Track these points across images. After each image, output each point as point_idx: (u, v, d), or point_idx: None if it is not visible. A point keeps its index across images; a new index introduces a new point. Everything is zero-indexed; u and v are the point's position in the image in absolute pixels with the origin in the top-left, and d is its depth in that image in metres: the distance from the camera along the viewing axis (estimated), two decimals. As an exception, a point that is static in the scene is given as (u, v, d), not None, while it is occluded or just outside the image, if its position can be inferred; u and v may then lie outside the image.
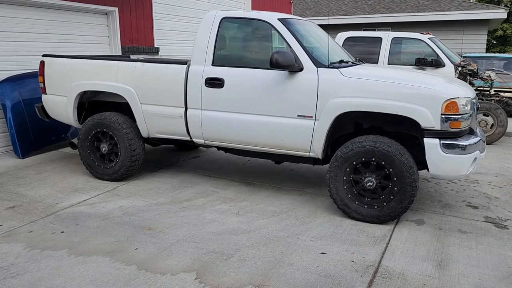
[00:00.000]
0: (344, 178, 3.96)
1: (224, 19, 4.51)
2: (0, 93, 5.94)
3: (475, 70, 7.83)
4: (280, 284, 2.92)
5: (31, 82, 6.19)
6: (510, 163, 6.22)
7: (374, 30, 16.54)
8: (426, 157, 3.76)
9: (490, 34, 24.65)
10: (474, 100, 4.04)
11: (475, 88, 8.10)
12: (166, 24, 9.12)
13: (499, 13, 15.71)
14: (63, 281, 2.92)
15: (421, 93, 3.70)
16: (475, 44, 16.02)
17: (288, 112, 4.16)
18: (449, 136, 3.72)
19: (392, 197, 3.82)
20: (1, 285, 2.87)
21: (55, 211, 4.13)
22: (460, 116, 3.68)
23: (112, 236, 3.62)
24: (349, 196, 3.97)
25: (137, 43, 8.38)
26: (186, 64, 4.58)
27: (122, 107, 5.12)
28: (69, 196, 4.54)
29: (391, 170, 3.77)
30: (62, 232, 3.69)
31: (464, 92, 3.84)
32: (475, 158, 3.81)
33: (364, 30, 16.64)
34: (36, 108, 5.59)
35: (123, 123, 4.87)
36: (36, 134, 6.15)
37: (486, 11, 15.83)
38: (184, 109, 4.60)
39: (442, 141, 3.69)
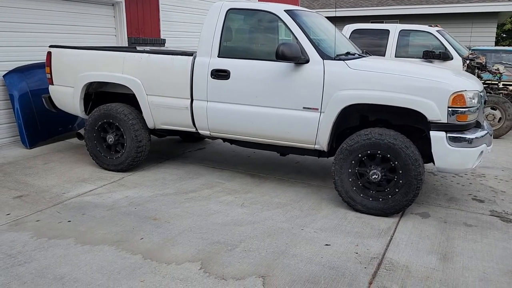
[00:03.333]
0: (349, 170, 3.96)
1: (230, 10, 4.49)
2: (8, 84, 5.98)
3: (483, 63, 7.75)
4: (284, 275, 2.94)
5: (39, 72, 6.23)
6: (517, 157, 6.18)
7: (382, 22, 16.38)
8: (432, 150, 3.74)
9: (500, 27, 24.35)
10: (481, 93, 4.01)
11: (483, 81, 8.02)
12: (172, 16, 9.11)
13: (509, 6, 15.49)
14: (69, 269, 2.96)
15: (428, 85, 3.68)
16: (484, 37, 15.83)
17: (294, 104, 4.15)
18: (456, 129, 3.70)
19: (397, 190, 3.81)
20: (9, 272, 2.92)
21: (62, 201, 4.18)
22: (467, 109, 3.66)
23: (118, 226, 3.66)
24: (354, 188, 3.97)
25: (144, 34, 8.39)
26: (192, 55, 4.58)
27: (128, 98, 5.14)
28: (76, 186, 4.58)
29: (396, 163, 3.77)
30: (69, 221, 3.73)
31: (471, 85, 3.81)
32: (482, 152, 3.79)
33: (372, 22, 16.49)
34: (43, 99, 5.63)
35: (129, 114, 4.89)
36: (43, 124, 6.19)
37: (496, 3, 15.62)
38: (190, 100, 4.61)
39: (448, 134, 3.67)
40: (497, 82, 8.21)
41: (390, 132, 3.82)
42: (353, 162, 3.93)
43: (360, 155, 3.90)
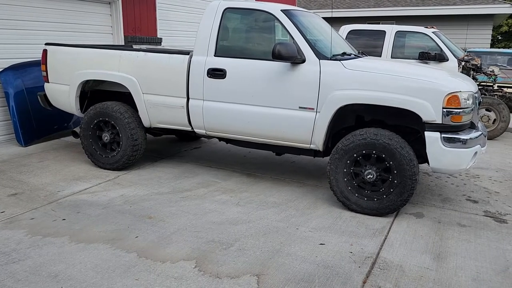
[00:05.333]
0: (345, 170, 3.97)
1: (227, 9, 4.50)
2: (3, 81, 5.95)
3: (478, 65, 7.79)
4: (279, 274, 2.95)
5: (34, 70, 6.21)
6: (511, 159, 6.22)
7: (378, 23, 16.43)
8: (427, 151, 3.76)
9: (495, 29, 24.48)
10: (476, 94, 4.03)
11: (478, 83, 8.07)
12: (169, 15, 9.10)
13: (505, 8, 15.58)
14: (64, 267, 2.96)
15: (423, 86, 3.70)
16: (480, 39, 15.91)
17: (290, 104, 4.16)
18: (450, 130, 3.72)
19: (392, 190, 3.83)
20: (3, 270, 2.91)
21: (56, 199, 4.17)
22: (461, 110, 3.68)
23: (113, 224, 3.65)
24: (349, 188, 3.98)
25: (140, 33, 8.37)
26: (188, 54, 4.58)
27: (124, 97, 5.13)
28: (71, 184, 4.57)
29: (391, 163, 3.78)
30: (64, 219, 3.73)
31: (466, 86, 3.84)
32: (476, 153, 3.82)
33: (368, 23, 16.53)
34: (38, 97, 5.61)
35: (125, 112, 4.88)
36: (39, 122, 6.17)
37: (492, 6, 15.70)
38: (186, 99, 4.61)
39: (443, 135, 3.69)
40: (492, 84, 8.26)
41: (385, 132, 3.84)
42: (348, 162, 3.95)
43: (355, 155, 3.91)
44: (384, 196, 3.87)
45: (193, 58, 4.54)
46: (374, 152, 3.83)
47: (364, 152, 3.87)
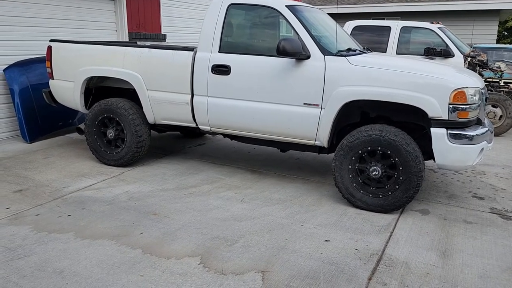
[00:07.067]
0: (350, 167, 3.95)
1: (231, 5, 4.47)
2: (8, 78, 5.97)
3: (484, 61, 7.73)
4: (284, 270, 2.94)
5: (39, 67, 6.22)
6: (518, 155, 6.17)
7: (383, 19, 16.33)
8: (433, 147, 3.74)
9: (501, 25, 24.27)
10: (482, 90, 4.00)
11: (484, 79, 8.01)
12: (173, 11, 9.09)
13: (511, 4, 15.42)
14: (69, 263, 2.97)
15: (429, 82, 3.67)
16: (486, 35, 15.77)
17: (295, 100, 4.14)
18: (457, 126, 3.69)
19: (397, 187, 3.81)
20: (9, 265, 2.92)
21: (62, 195, 4.18)
22: (468, 106, 3.65)
23: (117, 220, 3.66)
24: (354, 185, 3.96)
25: (144, 29, 8.37)
26: (193, 50, 4.57)
27: (129, 93, 5.13)
28: (76, 180, 4.58)
29: (397, 159, 3.76)
30: (69, 215, 3.74)
31: (472, 82, 3.80)
32: (482, 149, 3.79)
33: (373, 19, 16.43)
34: (43, 93, 5.62)
35: (129, 109, 4.88)
36: (44, 119, 6.19)
37: (498, 1, 15.54)
38: (190, 95, 4.60)
39: (449, 131, 3.66)
40: (498, 80, 8.20)
41: (391, 128, 3.81)
42: (353, 158, 3.93)
43: (360, 152, 3.89)
44: (390, 193, 3.85)
45: (197, 54, 4.53)
46: (379, 148, 3.81)
47: (369, 148, 3.85)
